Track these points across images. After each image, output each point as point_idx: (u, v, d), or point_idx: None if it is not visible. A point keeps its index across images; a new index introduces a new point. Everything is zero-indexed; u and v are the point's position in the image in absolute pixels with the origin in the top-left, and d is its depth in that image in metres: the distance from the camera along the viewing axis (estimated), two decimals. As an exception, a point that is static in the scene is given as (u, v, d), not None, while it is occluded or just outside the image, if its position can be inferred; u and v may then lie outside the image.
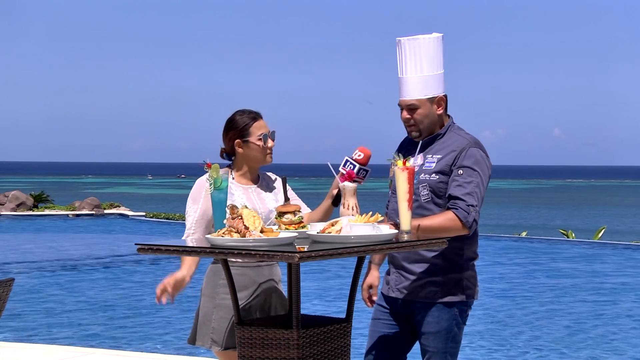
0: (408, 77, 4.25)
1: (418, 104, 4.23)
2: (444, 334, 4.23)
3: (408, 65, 4.25)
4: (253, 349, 3.74)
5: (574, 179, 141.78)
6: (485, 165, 4.23)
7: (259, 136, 4.33)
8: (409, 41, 4.25)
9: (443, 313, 4.23)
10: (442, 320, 4.23)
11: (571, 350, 9.35)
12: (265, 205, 4.38)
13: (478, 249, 4.36)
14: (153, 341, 9.65)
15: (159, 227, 25.05)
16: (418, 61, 4.23)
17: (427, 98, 4.24)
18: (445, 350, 4.25)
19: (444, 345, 4.24)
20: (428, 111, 4.24)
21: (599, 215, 45.40)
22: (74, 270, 15.74)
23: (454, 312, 4.25)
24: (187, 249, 3.69)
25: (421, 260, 4.24)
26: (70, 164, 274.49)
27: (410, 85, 4.24)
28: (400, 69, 4.28)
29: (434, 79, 4.24)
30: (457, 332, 4.27)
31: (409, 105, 4.25)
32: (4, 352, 8.00)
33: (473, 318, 10.98)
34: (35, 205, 29.33)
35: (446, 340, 4.24)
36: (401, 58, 4.27)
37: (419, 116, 4.25)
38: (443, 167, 4.18)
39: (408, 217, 3.86)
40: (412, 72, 4.24)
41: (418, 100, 4.23)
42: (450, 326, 4.24)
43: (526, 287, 14.04)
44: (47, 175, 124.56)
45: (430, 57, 4.23)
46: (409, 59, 4.25)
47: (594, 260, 17.77)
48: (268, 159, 4.38)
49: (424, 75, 4.23)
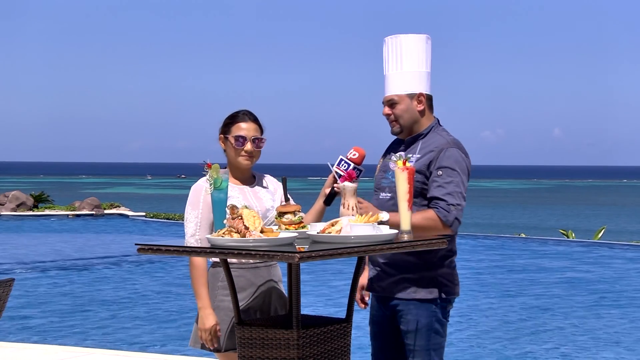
0: (389, 74, 4.36)
1: (397, 99, 4.34)
2: (424, 330, 4.25)
3: (390, 62, 4.36)
4: (253, 349, 3.74)
5: (573, 179, 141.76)
6: (465, 165, 4.29)
7: (235, 136, 4.35)
8: (392, 39, 4.37)
9: (421, 310, 4.25)
10: (421, 317, 4.25)
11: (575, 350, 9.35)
12: (262, 205, 4.38)
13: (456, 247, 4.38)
14: (153, 341, 9.65)
15: (159, 227, 25.06)
16: (399, 58, 4.34)
17: (407, 94, 4.33)
18: (429, 347, 4.26)
19: (426, 342, 4.25)
20: (407, 107, 4.34)
21: (599, 215, 45.40)
22: (74, 271, 15.74)
23: (432, 309, 4.26)
24: (187, 249, 3.69)
25: (395, 257, 4.28)
26: (70, 164, 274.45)
27: (391, 81, 4.36)
28: (385, 67, 4.40)
29: (413, 75, 4.33)
30: (438, 328, 4.28)
31: (389, 101, 4.36)
32: (4, 352, 8.00)
33: (468, 318, 11.00)
34: (35, 205, 29.34)
35: (428, 337, 4.25)
36: (385, 56, 4.39)
37: (399, 111, 4.34)
38: (420, 166, 4.23)
39: (408, 217, 3.86)
40: (393, 68, 4.36)
41: (398, 95, 4.33)
42: (430, 323, 4.26)
43: (526, 286, 14.04)
44: (47, 175, 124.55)
45: (410, 55, 4.33)
46: (391, 56, 4.36)
47: (596, 260, 17.77)
48: (241, 160, 4.36)
49: (403, 72, 4.33)
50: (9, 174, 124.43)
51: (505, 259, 18.04)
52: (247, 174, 4.46)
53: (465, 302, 11.97)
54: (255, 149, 4.37)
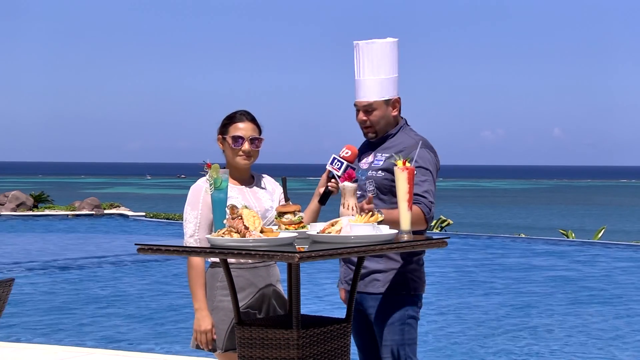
0: (365, 79, 4.38)
1: (375, 105, 4.37)
2: (397, 325, 4.29)
3: (366, 67, 4.38)
4: (253, 349, 3.74)
5: (573, 179, 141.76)
6: (435, 164, 4.39)
7: (233, 136, 4.35)
8: (367, 45, 4.38)
9: (392, 304, 4.30)
10: (394, 311, 4.29)
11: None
12: (261, 205, 4.38)
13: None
14: (153, 341, 9.65)
15: (159, 227, 25.06)
16: (375, 64, 4.36)
17: (383, 100, 4.38)
18: (403, 342, 4.30)
19: (400, 337, 4.29)
20: (384, 113, 4.39)
21: (598, 216, 45.40)
22: (74, 270, 15.74)
23: (404, 304, 4.31)
24: (186, 249, 3.70)
25: None
26: (70, 164, 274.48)
27: (367, 87, 4.38)
28: (358, 71, 4.41)
29: (389, 81, 4.38)
30: (412, 323, 4.32)
31: (365, 107, 4.39)
32: (4, 352, 8.00)
33: (463, 319, 11.00)
34: (35, 205, 29.34)
35: (402, 332, 4.29)
36: (359, 61, 4.40)
37: (375, 117, 4.39)
38: (389, 165, 4.28)
39: (408, 217, 3.87)
40: (370, 74, 4.37)
41: (375, 101, 4.37)
42: (403, 318, 4.30)
43: (524, 286, 14.04)
44: (47, 175, 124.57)
45: (386, 61, 4.37)
46: (366, 61, 4.37)
47: (596, 260, 17.77)
48: (239, 160, 4.37)
49: (380, 78, 4.37)
50: (9, 174, 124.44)
51: (497, 257, 18.05)
52: (245, 174, 4.46)
53: (454, 300, 11.96)
54: (253, 149, 4.38)
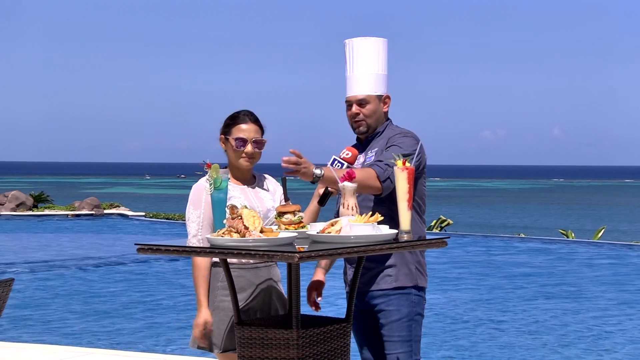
0: (359, 74, 4.42)
1: (368, 99, 4.41)
2: (406, 320, 4.29)
3: (360, 63, 4.42)
4: (253, 349, 3.74)
5: (573, 179, 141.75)
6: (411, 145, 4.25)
7: (236, 138, 4.36)
8: (361, 41, 4.44)
9: (402, 300, 4.30)
10: (402, 306, 4.29)
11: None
12: (263, 205, 4.38)
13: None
14: (153, 341, 9.65)
15: (159, 227, 25.06)
16: (369, 60, 4.41)
17: (376, 95, 4.43)
18: (410, 339, 4.30)
19: (408, 333, 4.29)
20: (376, 107, 4.43)
21: (598, 215, 45.39)
22: (74, 270, 15.74)
23: (412, 299, 4.31)
24: (186, 249, 3.69)
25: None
26: (70, 164, 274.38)
27: (361, 81, 4.42)
28: (350, 67, 4.45)
29: (382, 78, 4.44)
30: (418, 321, 4.33)
31: (359, 100, 4.42)
32: (4, 352, 8.00)
33: (470, 315, 11.00)
34: (35, 205, 29.33)
35: (409, 328, 4.29)
36: (351, 57, 4.44)
37: (368, 111, 4.42)
38: (378, 154, 4.31)
39: (408, 217, 3.86)
40: (364, 69, 4.42)
41: (368, 95, 4.41)
42: (411, 313, 4.30)
43: (524, 286, 14.04)
44: (47, 175, 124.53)
45: (379, 57, 4.43)
46: (360, 57, 4.42)
47: (596, 260, 17.78)
48: (242, 162, 4.38)
49: (374, 73, 4.42)
50: (9, 174, 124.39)
51: (497, 257, 18.04)
52: (247, 175, 4.47)
53: (454, 299, 11.96)
54: (256, 151, 4.38)
